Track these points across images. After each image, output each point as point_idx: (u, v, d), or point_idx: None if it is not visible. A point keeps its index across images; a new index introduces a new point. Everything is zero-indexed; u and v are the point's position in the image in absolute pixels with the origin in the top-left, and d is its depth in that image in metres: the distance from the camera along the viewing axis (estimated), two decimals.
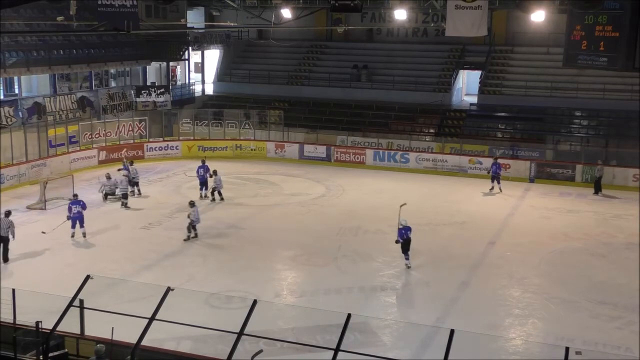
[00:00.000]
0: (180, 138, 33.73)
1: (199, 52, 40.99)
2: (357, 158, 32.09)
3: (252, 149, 33.64)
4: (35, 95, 31.15)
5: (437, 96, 36.02)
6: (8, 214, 18.94)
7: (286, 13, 32.90)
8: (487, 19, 22.32)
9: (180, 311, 11.50)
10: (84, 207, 20.89)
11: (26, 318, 11.54)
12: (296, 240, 21.31)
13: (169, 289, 10.74)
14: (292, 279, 18.90)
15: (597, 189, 27.37)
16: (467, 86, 39.46)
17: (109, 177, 25.09)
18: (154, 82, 37.70)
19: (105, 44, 33.44)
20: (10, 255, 18.62)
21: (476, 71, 37.35)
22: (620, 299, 16.90)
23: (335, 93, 37.39)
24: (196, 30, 38.43)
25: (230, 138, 33.84)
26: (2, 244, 18.50)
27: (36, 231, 21.51)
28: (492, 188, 27.55)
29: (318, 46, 41.21)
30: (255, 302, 10.38)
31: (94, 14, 18.71)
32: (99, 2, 17.87)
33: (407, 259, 18.81)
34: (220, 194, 25.35)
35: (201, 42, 38.90)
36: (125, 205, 24.26)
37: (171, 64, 39.14)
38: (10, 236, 18.63)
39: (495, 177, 27.50)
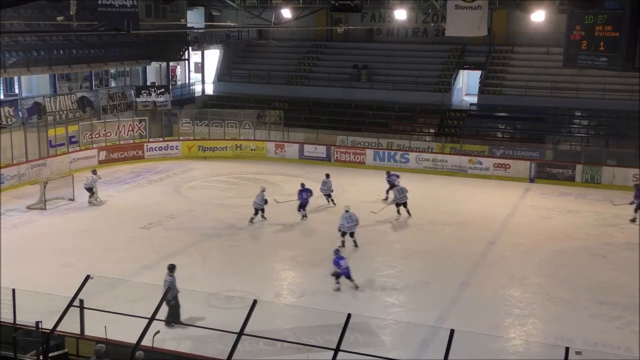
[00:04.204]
0: (180, 138, 33.72)
1: (199, 52, 40.99)
2: (357, 158, 32.07)
3: (252, 149, 33.63)
4: (35, 95, 31.15)
5: (437, 96, 36.01)
6: (172, 269, 15.13)
7: (286, 13, 32.91)
8: (487, 19, 22.36)
9: (181, 311, 11.50)
10: (311, 193, 22.33)
11: (26, 318, 11.54)
12: (296, 240, 21.32)
13: (169, 289, 10.74)
14: (292, 279, 18.90)
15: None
16: (467, 86, 39.45)
17: (94, 173, 25.08)
18: (154, 82, 37.68)
19: (105, 44, 33.43)
20: (10, 256, 18.38)
21: (476, 71, 37.35)
22: (620, 299, 16.91)
23: (335, 93, 37.37)
24: (196, 30, 38.44)
25: (230, 138, 33.83)
26: None
27: (36, 231, 21.54)
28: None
29: (318, 46, 41.20)
30: (255, 302, 10.39)
31: (94, 14, 18.69)
32: (99, 2, 17.83)
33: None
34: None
35: (201, 42, 38.90)
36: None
37: (171, 64, 39.14)
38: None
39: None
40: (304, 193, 23.32)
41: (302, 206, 23.28)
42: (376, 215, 23.36)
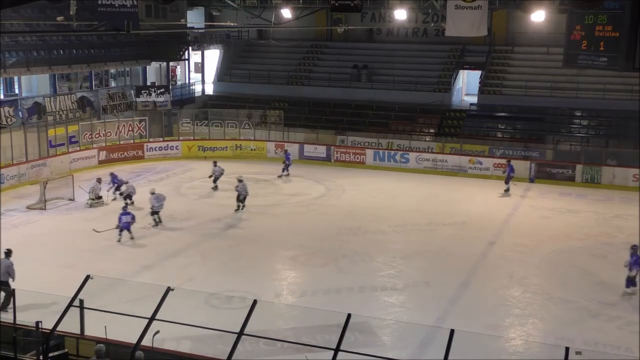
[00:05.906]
0: (180, 138, 33.72)
1: (199, 52, 41.00)
2: (357, 158, 32.08)
3: (252, 149, 33.63)
4: (35, 95, 31.14)
5: (437, 96, 36.02)
6: (8, 253, 15.99)
7: (286, 13, 32.88)
8: (487, 19, 22.31)
9: (180, 311, 11.49)
10: (133, 218, 21.02)
11: (26, 318, 11.54)
12: (296, 240, 21.32)
13: (169, 289, 10.73)
14: (292, 279, 18.91)
15: None
16: (467, 86, 39.45)
17: (99, 182, 25.04)
18: (154, 82, 37.68)
19: (105, 44, 33.43)
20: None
21: (476, 71, 37.35)
22: (621, 299, 16.90)
23: (335, 93, 37.38)
24: (196, 30, 38.42)
25: (230, 138, 33.84)
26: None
27: (36, 231, 21.53)
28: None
29: (318, 46, 41.20)
30: (255, 302, 10.38)
31: (94, 14, 18.67)
32: (99, 2, 17.82)
33: None
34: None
35: (201, 42, 38.89)
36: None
37: (171, 64, 39.14)
38: (10, 279, 15.59)
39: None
40: (115, 178, 25.57)
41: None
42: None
